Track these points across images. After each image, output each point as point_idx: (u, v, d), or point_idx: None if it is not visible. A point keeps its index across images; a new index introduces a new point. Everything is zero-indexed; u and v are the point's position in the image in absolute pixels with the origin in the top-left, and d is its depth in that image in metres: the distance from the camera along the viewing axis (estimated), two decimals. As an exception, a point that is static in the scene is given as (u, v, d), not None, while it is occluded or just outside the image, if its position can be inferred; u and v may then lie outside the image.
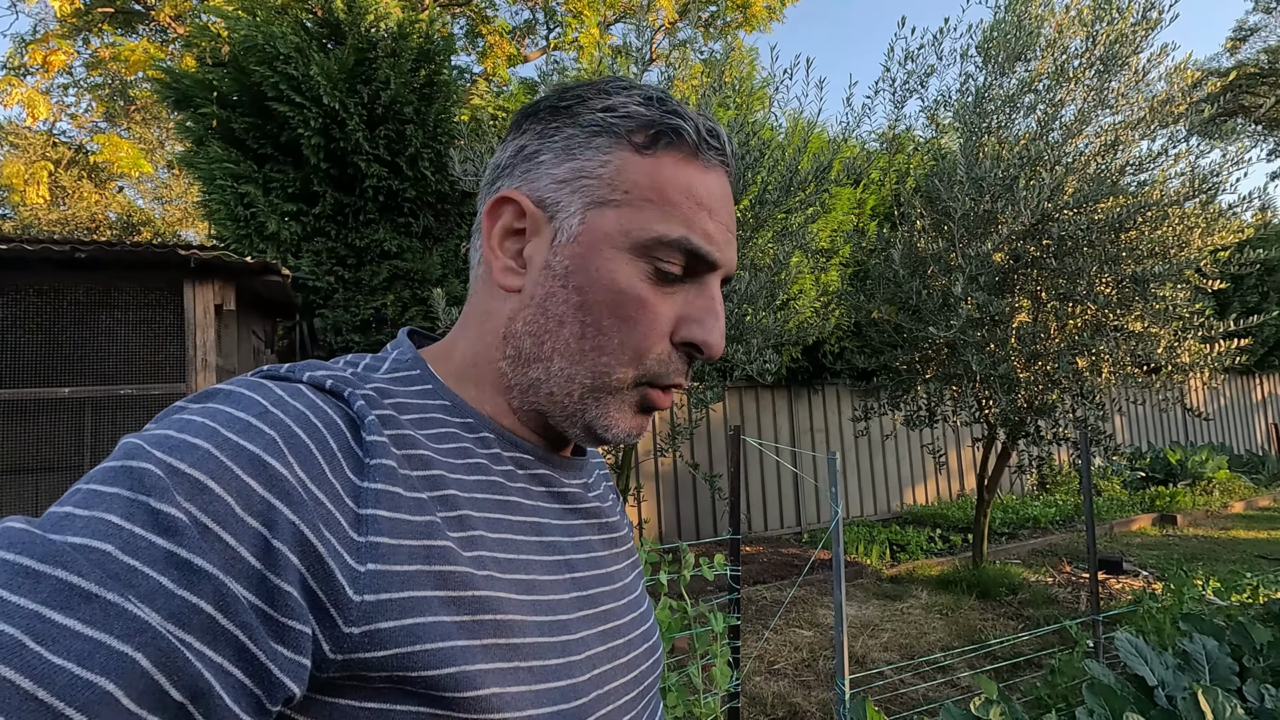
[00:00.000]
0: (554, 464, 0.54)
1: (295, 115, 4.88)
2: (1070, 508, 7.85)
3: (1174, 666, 2.52)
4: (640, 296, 0.48)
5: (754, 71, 5.93)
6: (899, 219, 5.57)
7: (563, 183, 0.49)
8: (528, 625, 0.44)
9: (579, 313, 0.48)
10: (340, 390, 0.44)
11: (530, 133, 0.52)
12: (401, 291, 5.32)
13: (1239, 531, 7.13)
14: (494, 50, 10.33)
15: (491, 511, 0.47)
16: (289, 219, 5.11)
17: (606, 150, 0.49)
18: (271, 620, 0.36)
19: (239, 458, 0.37)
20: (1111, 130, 4.64)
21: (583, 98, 0.50)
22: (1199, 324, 4.60)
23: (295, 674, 0.36)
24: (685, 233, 0.48)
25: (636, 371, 0.50)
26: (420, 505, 0.42)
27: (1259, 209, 5.04)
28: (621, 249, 0.48)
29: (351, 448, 0.42)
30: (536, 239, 0.50)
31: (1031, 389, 4.80)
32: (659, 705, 0.57)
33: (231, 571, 0.35)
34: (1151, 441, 10.68)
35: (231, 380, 0.43)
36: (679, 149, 0.49)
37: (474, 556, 0.44)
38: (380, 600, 0.39)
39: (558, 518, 0.52)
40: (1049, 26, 4.78)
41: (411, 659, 0.39)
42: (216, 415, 0.39)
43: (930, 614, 4.81)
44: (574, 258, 0.48)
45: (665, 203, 0.48)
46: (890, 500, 8.27)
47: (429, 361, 0.53)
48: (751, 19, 10.83)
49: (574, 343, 0.49)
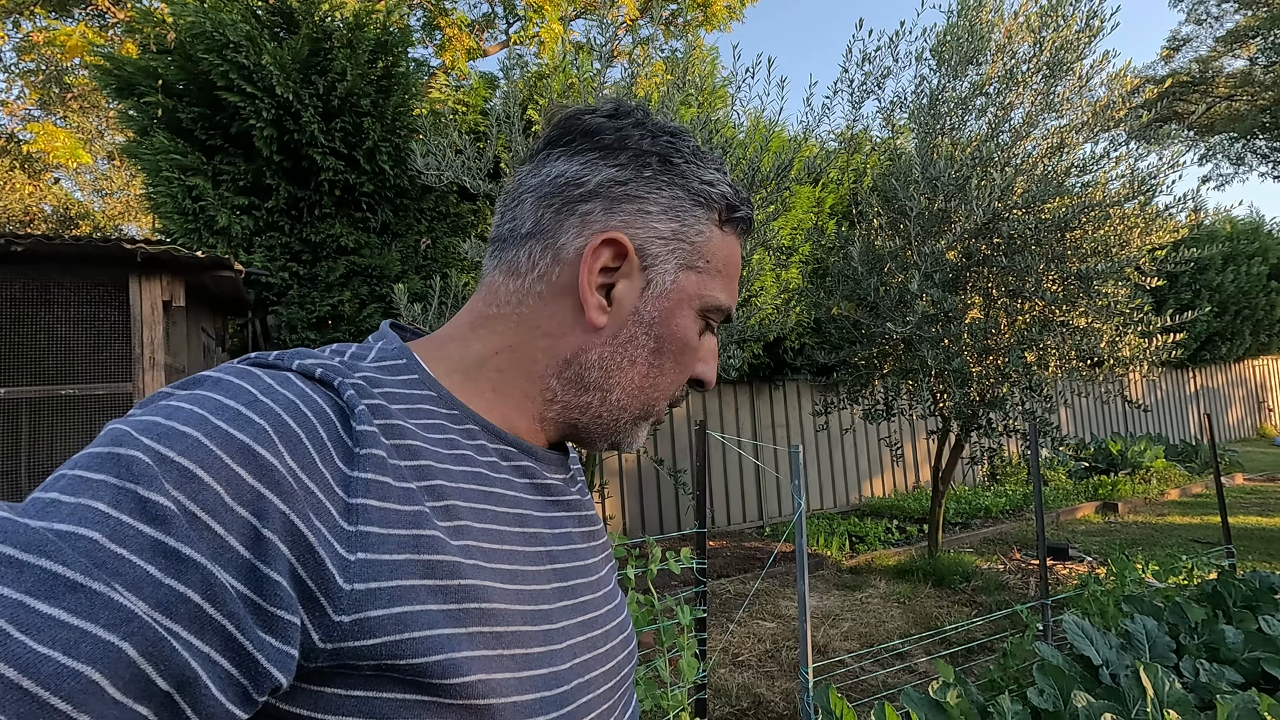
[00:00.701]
0: (538, 458, 0.55)
1: (246, 106, 4.72)
2: (1020, 497, 8.14)
3: (1117, 646, 2.65)
4: (695, 347, 0.57)
5: (715, 70, 5.97)
6: (857, 217, 5.68)
7: (664, 240, 0.54)
8: (512, 614, 0.45)
9: (651, 357, 0.55)
10: (330, 379, 0.44)
11: (630, 169, 0.54)
12: (359, 288, 5.21)
13: (1175, 517, 7.50)
14: (453, 43, 10.16)
15: (477, 502, 0.47)
16: (240, 213, 4.95)
17: (704, 221, 0.56)
18: (260, 610, 0.36)
19: (229, 447, 0.37)
20: (1057, 133, 4.82)
21: (685, 157, 0.56)
22: (1138, 320, 4.83)
23: (283, 664, 0.37)
24: (730, 303, 0.58)
25: (669, 400, 0.58)
26: (409, 495, 0.43)
27: (1192, 210, 5.29)
28: (694, 308, 0.56)
29: (341, 437, 0.42)
30: (627, 282, 0.54)
31: (983, 383, 4.96)
32: (633, 696, 0.59)
33: (220, 561, 0.35)
34: (1094, 433, 11.14)
35: (219, 367, 0.43)
36: (742, 230, 0.59)
37: (461, 546, 0.44)
38: (370, 589, 0.39)
39: (540, 510, 0.53)
40: (999, 32, 4.94)
41: (400, 646, 0.39)
42: (205, 403, 0.39)
43: (888, 603, 4.93)
44: (662, 311, 0.54)
45: (727, 276, 0.58)
46: (849, 493, 8.44)
47: (418, 353, 0.53)
48: (712, 18, 10.89)
49: (637, 380, 0.55)
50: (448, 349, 0.54)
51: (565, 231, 0.53)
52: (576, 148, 0.54)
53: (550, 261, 0.53)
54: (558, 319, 0.53)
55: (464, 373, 0.53)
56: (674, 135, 0.56)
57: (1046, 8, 4.76)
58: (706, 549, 2.73)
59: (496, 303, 0.54)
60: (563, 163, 0.54)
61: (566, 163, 0.54)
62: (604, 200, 0.53)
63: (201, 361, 4.57)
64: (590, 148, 0.54)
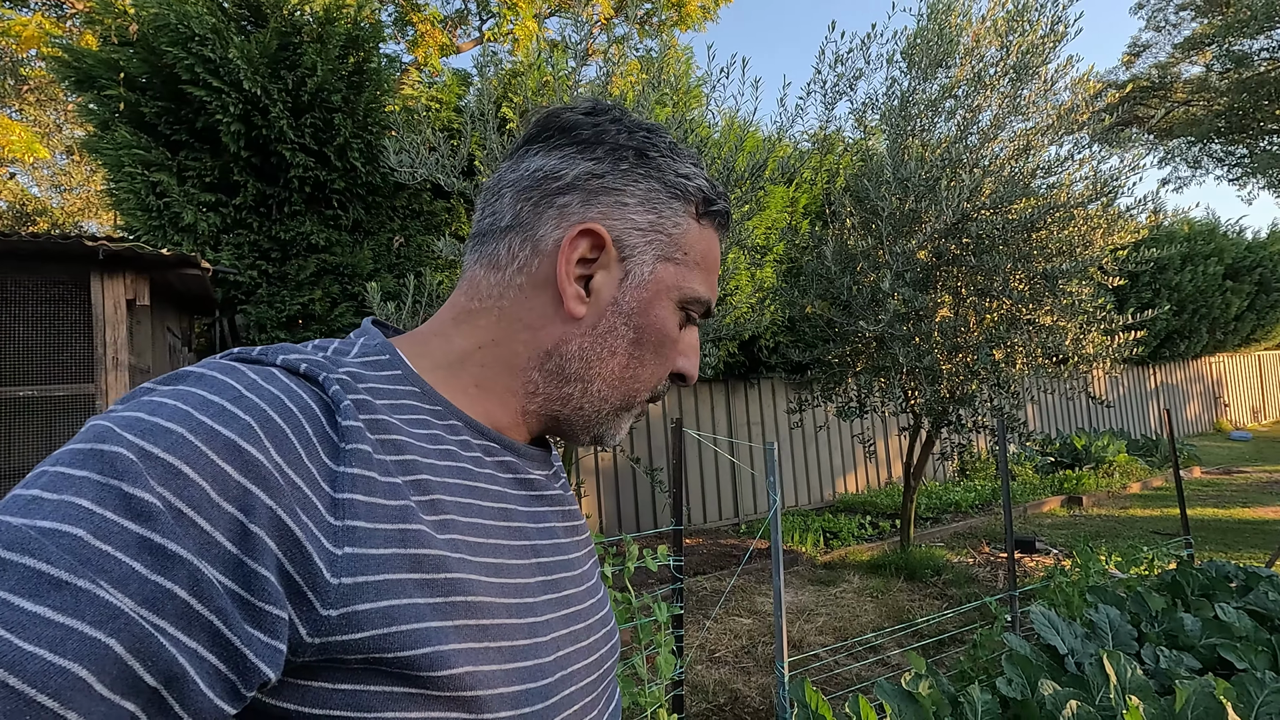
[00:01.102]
0: (520, 453, 0.55)
1: (213, 100, 4.62)
2: (988, 492, 8.31)
3: (1082, 635, 2.72)
4: (675, 339, 0.58)
5: (690, 70, 5.99)
6: (830, 217, 5.75)
7: (642, 231, 0.55)
8: (497, 607, 0.45)
9: (631, 348, 0.55)
10: (315, 374, 0.44)
11: (607, 163, 0.55)
12: (330, 286, 5.13)
13: (1136, 510, 7.72)
14: (425, 39, 10.05)
15: (462, 496, 0.48)
16: (207, 209, 4.84)
17: (680, 214, 0.56)
18: (247, 605, 0.36)
19: (214, 443, 0.37)
20: (1023, 136, 4.93)
21: (660, 151, 0.56)
22: (1101, 318, 4.96)
23: (271, 659, 0.37)
24: (710, 296, 0.59)
25: (650, 393, 0.58)
26: (395, 489, 0.43)
27: (1152, 212, 5.45)
28: (673, 300, 0.56)
29: (327, 433, 0.42)
30: (605, 273, 0.54)
31: (953, 380, 5.05)
32: (616, 688, 0.59)
33: (207, 556, 0.35)
34: (1060, 428, 11.42)
35: (202, 363, 0.42)
36: (720, 223, 0.60)
37: (447, 540, 0.44)
38: (357, 583, 0.39)
39: (523, 504, 0.53)
40: (967, 36, 5.04)
41: (388, 640, 0.39)
42: (189, 398, 0.38)
43: (862, 597, 5.00)
44: (640, 302, 0.55)
45: (706, 268, 0.58)
46: (823, 489, 8.54)
47: (401, 349, 0.53)
48: (686, 17, 10.92)
49: (618, 371, 0.55)
50: (430, 344, 0.54)
51: (544, 223, 0.53)
52: (554, 143, 0.55)
53: (529, 254, 0.53)
54: (538, 311, 0.53)
55: (447, 368, 0.53)
56: (650, 131, 0.56)
57: (1013, 12, 4.87)
58: (683, 546, 2.74)
59: (478, 297, 0.55)
60: (541, 157, 0.55)
61: (545, 157, 0.55)
62: (581, 192, 0.53)
63: (167, 362, 4.46)
64: (568, 142, 0.55)
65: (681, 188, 0.56)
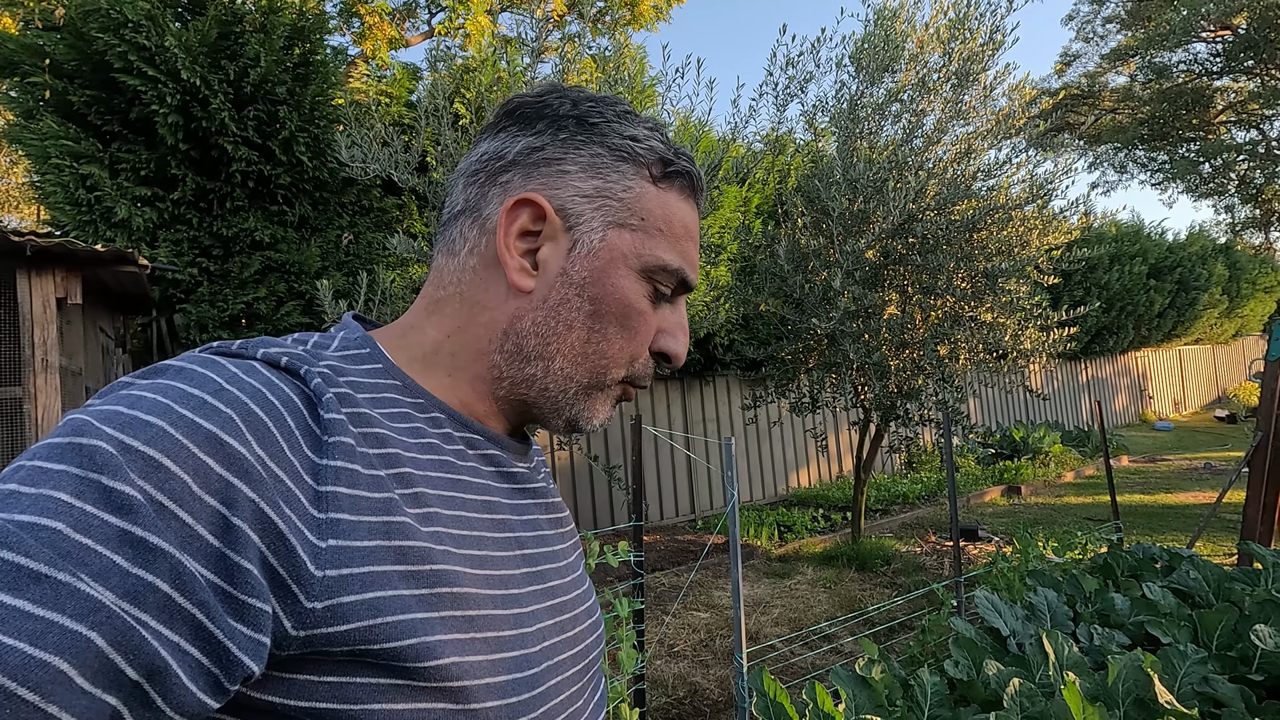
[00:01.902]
0: (504, 445, 0.55)
1: (148, 90, 4.41)
2: (934, 484, 8.60)
3: (1023, 617, 2.85)
4: (642, 310, 0.54)
5: (644, 69, 6.02)
6: (782, 217, 5.86)
7: (587, 198, 0.53)
8: (483, 598, 0.46)
9: (590, 320, 0.53)
10: (296, 367, 0.44)
11: (547, 135, 0.53)
12: (276, 285, 4.97)
13: (1071, 497, 8.11)
14: (373, 32, 9.81)
15: (445, 489, 0.48)
16: (142, 204, 4.63)
17: (631, 177, 0.54)
18: (231, 598, 0.36)
19: (195, 436, 0.36)
20: (965, 140, 5.12)
21: (606, 118, 0.54)
22: (1037, 315, 5.20)
23: (254, 652, 0.37)
24: (681, 264, 0.55)
25: (626, 373, 0.55)
26: (378, 482, 0.43)
27: (1083, 214, 5.73)
28: (633, 269, 0.53)
29: (309, 426, 0.42)
30: (551, 244, 0.53)
31: (901, 375, 5.22)
32: (602, 678, 0.60)
33: (189, 550, 0.35)
34: (1000, 421, 11.89)
35: (181, 356, 0.42)
36: (683, 186, 0.56)
37: (431, 532, 0.45)
38: (342, 575, 0.39)
39: (507, 496, 0.54)
40: (912, 42, 5.20)
41: (374, 632, 0.39)
42: (169, 391, 0.38)
43: (816, 588, 5.12)
44: (592, 271, 0.53)
45: (672, 235, 0.55)
46: (777, 484, 8.70)
47: (380, 342, 0.53)
48: (639, 16, 10.95)
49: (579, 346, 0.53)
50: (408, 337, 0.54)
51: (489, 203, 0.54)
52: (500, 126, 0.56)
53: (477, 234, 0.54)
54: (491, 290, 0.53)
55: (423, 360, 0.53)
56: (598, 100, 0.55)
57: (954, 21, 5.05)
58: (642, 543, 2.77)
59: (442, 285, 0.55)
60: (488, 142, 0.56)
61: (491, 141, 0.56)
62: (522, 168, 0.53)
63: (100, 363, 4.25)
64: (512, 123, 0.55)
65: (628, 149, 0.54)
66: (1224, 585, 3.00)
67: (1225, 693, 2.06)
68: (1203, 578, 3.08)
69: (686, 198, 0.56)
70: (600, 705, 0.58)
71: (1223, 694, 2.07)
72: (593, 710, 0.55)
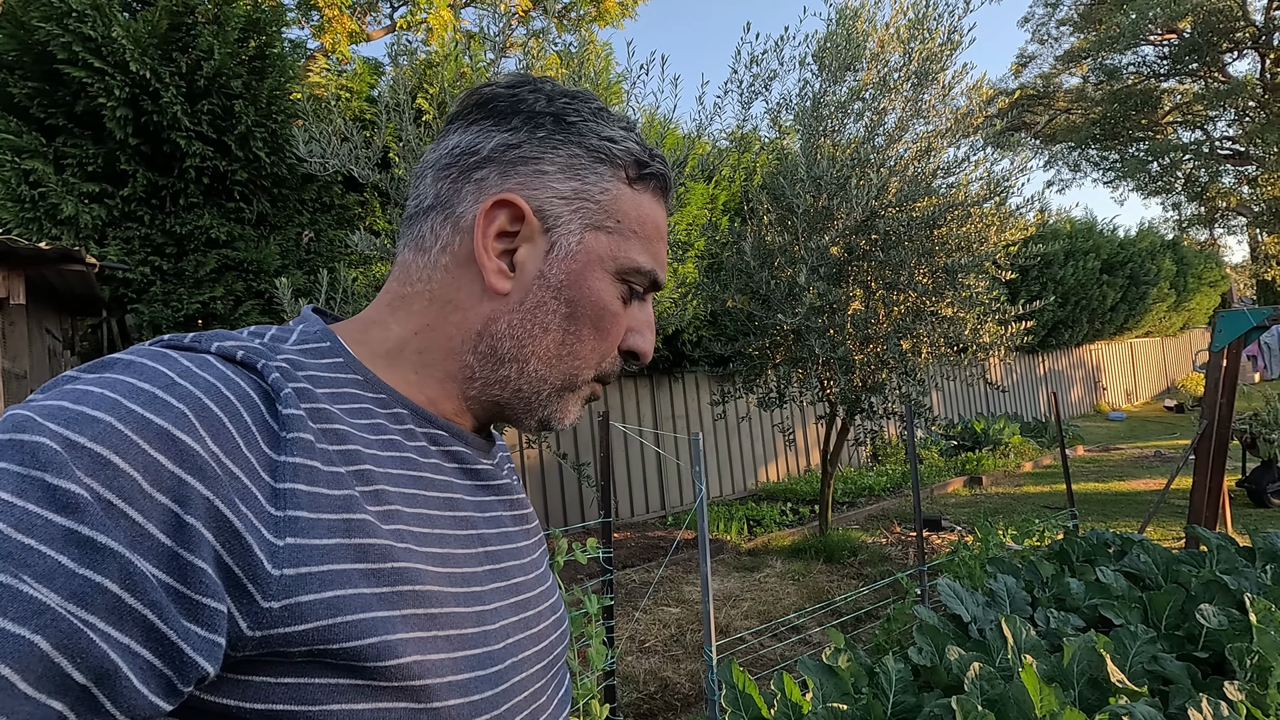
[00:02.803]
0: (468, 442, 0.55)
1: (95, 82, 4.26)
2: (899, 476, 8.77)
3: (984, 603, 2.93)
4: (616, 312, 0.55)
5: (610, 66, 6.01)
6: (748, 214, 5.91)
7: (565, 200, 0.52)
8: (445, 596, 0.45)
9: (565, 322, 0.53)
10: (253, 362, 0.43)
11: (523, 132, 0.52)
12: (234, 284, 4.84)
13: (1029, 487, 8.35)
14: (332, 25, 9.60)
15: (407, 487, 0.47)
16: (90, 201, 4.47)
17: (608, 179, 0.54)
18: (184, 598, 0.35)
19: (145, 431, 0.35)
20: (925, 138, 5.23)
21: (583, 116, 0.54)
22: (996, 309, 5.33)
23: (209, 653, 0.36)
24: (654, 265, 0.56)
25: (596, 373, 0.56)
26: (338, 479, 0.42)
27: (1039, 211, 5.90)
28: (609, 271, 0.53)
29: (267, 421, 0.41)
30: (529, 246, 0.52)
31: (865, 369, 5.31)
32: (566, 675, 0.59)
33: (139, 549, 0.34)
34: (961, 414, 12.17)
35: (130, 350, 0.41)
36: (656, 188, 0.56)
37: (393, 530, 0.44)
38: (300, 574, 0.39)
39: (470, 494, 0.53)
40: (873, 42, 5.28)
41: (333, 631, 0.39)
42: (117, 386, 0.37)
43: (784, 581, 5.19)
44: (570, 274, 0.52)
45: (645, 236, 0.55)
46: (746, 479, 8.78)
47: (342, 337, 0.52)
48: (605, 13, 10.92)
49: (553, 348, 0.53)
50: (370, 332, 0.53)
51: (463, 200, 0.52)
52: (472, 118, 0.54)
53: (451, 232, 0.53)
54: (465, 290, 0.52)
55: (386, 357, 0.52)
56: (573, 96, 0.54)
57: (914, 21, 5.14)
58: (612, 540, 2.77)
59: (409, 281, 0.54)
60: (459, 134, 0.54)
61: (462, 134, 0.54)
62: (498, 165, 0.52)
63: (46, 366, 4.09)
64: (484, 116, 0.54)
65: (606, 151, 0.53)
66: (1172, 567, 3.12)
67: (1173, 670, 2.15)
68: (1152, 561, 3.19)
69: (658, 198, 0.57)
70: (565, 702, 0.57)
71: (1171, 672, 2.15)
72: (556, 706, 0.55)
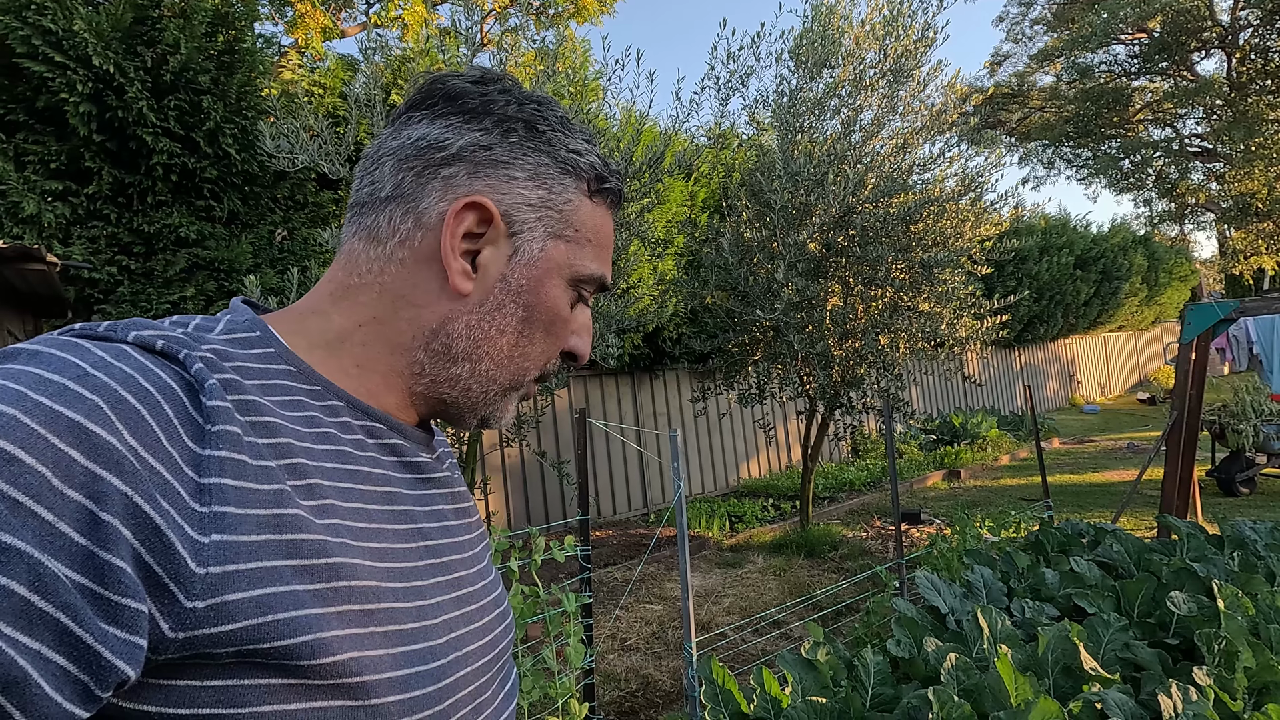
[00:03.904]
0: (407, 435, 0.53)
1: (56, 77, 4.15)
2: (878, 470, 8.85)
3: (961, 595, 2.95)
4: (566, 318, 0.56)
5: (587, 62, 5.97)
6: (727, 210, 5.91)
7: (531, 207, 0.53)
8: (383, 591, 0.44)
9: (521, 326, 0.54)
10: (174, 352, 0.41)
11: (495, 134, 0.52)
12: (204, 283, 4.74)
13: (1006, 480, 8.46)
14: (305, 20, 9.47)
15: (342, 481, 0.46)
16: (53, 199, 4.35)
17: (572, 190, 0.55)
18: (100, 599, 0.33)
19: (54, 425, 0.33)
20: (901, 134, 5.26)
21: (552, 126, 0.55)
22: (972, 304, 5.39)
23: (129, 655, 0.34)
24: (604, 272, 0.57)
25: (539, 373, 0.57)
26: (268, 473, 0.41)
27: (1013, 207, 5.98)
28: (564, 278, 0.55)
29: (190, 414, 0.39)
30: (493, 249, 0.53)
31: (844, 365, 5.34)
32: (513, 669, 0.59)
33: (49, 549, 0.32)
34: (939, 408, 12.31)
35: (36, 339, 0.38)
36: (611, 201, 0.59)
37: (327, 525, 0.43)
38: (227, 572, 0.37)
39: (409, 487, 0.52)
40: (849, 39, 5.31)
41: (263, 630, 0.37)
42: (21, 378, 0.35)
43: (766, 576, 5.20)
44: (530, 280, 0.53)
45: (598, 245, 0.57)
46: (728, 476, 8.80)
47: (274, 327, 0.50)
48: (582, 9, 10.88)
49: (506, 350, 0.54)
50: (307, 322, 0.51)
51: (428, 195, 0.51)
52: (439, 111, 0.53)
53: (412, 226, 0.51)
54: (422, 287, 0.51)
55: (325, 348, 0.50)
56: (541, 103, 0.55)
57: (889, 18, 5.17)
58: (591, 538, 2.75)
59: (357, 272, 0.52)
60: (424, 125, 0.52)
61: (428, 126, 0.52)
62: (468, 164, 0.52)
63: (9, 369, 3.98)
64: (453, 111, 0.52)
65: (573, 164, 0.55)
66: (1144, 556, 3.16)
67: (1144, 657, 2.18)
68: (1125, 550, 3.24)
69: (611, 210, 0.59)
70: (511, 695, 0.57)
71: (1142, 658, 2.18)
72: (502, 700, 0.54)
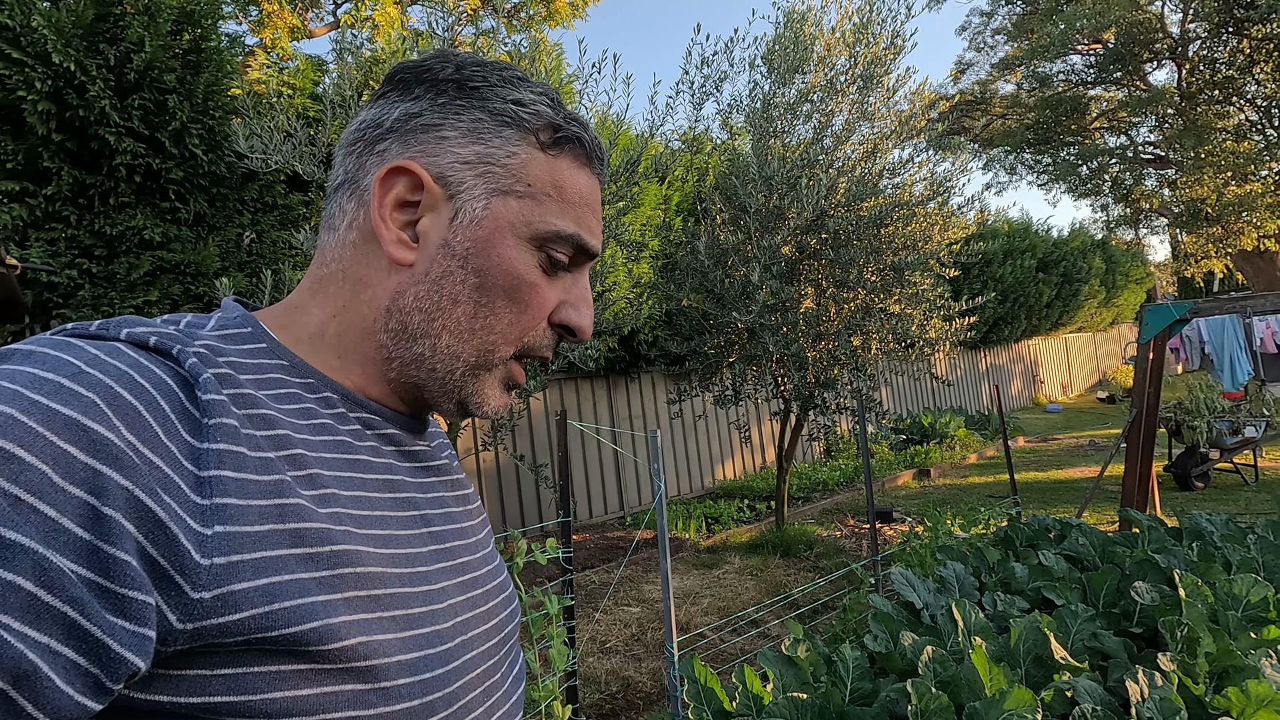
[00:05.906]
0: (402, 424, 0.54)
1: (14, 74, 4.02)
2: (851, 470, 8.97)
3: (934, 590, 3.02)
4: (534, 282, 0.51)
5: (561, 66, 5.97)
6: (701, 214, 5.96)
7: (467, 164, 0.50)
8: (388, 577, 0.45)
9: (476, 294, 0.50)
10: (167, 348, 0.41)
11: (425, 100, 0.51)
12: (170, 287, 4.63)
13: (975, 477, 8.65)
14: (272, 20, 9.29)
15: (342, 470, 0.46)
16: (10, 200, 4.22)
17: (515, 143, 0.51)
18: (107, 592, 0.33)
19: (52, 423, 0.33)
20: (871, 140, 5.36)
21: (489, 82, 0.51)
22: (940, 305, 5.51)
23: (139, 647, 0.34)
24: (577, 229, 0.52)
25: (516, 349, 0.53)
26: (267, 464, 0.41)
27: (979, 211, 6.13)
28: (522, 238, 0.51)
29: (186, 408, 0.39)
30: (432, 215, 0.50)
31: (818, 366, 5.41)
32: (519, 653, 0.59)
33: (54, 544, 0.32)
34: (910, 408, 12.53)
35: (29, 339, 0.38)
36: (576, 153, 0.53)
37: (329, 513, 0.43)
38: (232, 562, 0.37)
39: (411, 475, 0.52)
40: (820, 45, 5.40)
41: (270, 618, 0.38)
42: (17, 377, 0.35)
43: (743, 576, 5.24)
44: (476, 241, 0.50)
45: (563, 200, 0.52)
46: (704, 477, 8.84)
47: (265, 323, 0.51)
48: (556, 13, 10.86)
49: (465, 321, 0.50)
50: (292, 317, 0.52)
51: (366, 173, 0.51)
52: (381, 92, 0.53)
53: (355, 206, 0.51)
54: (372, 265, 0.51)
55: (309, 342, 0.51)
56: (482, 64, 0.52)
57: (859, 25, 5.27)
58: (571, 540, 2.75)
59: (324, 262, 0.53)
60: (366, 110, 0.53)
61: (370, 109, 0.53)
62: (400, 135, 0.51)
63: (-37, 376, 3.84)
64: (391, 89, 0.53)
65: (511, 114, 0.51)
66: (1108, 549, 3.27)
67: (1111, 645, 2.25)
68: (1090, 543, 3.35)
69: (580, 165, 0.53)
70: (519, 678, 0.57)
71: (1109, 647, 2.25)
72: (511, 683, 0.55)
